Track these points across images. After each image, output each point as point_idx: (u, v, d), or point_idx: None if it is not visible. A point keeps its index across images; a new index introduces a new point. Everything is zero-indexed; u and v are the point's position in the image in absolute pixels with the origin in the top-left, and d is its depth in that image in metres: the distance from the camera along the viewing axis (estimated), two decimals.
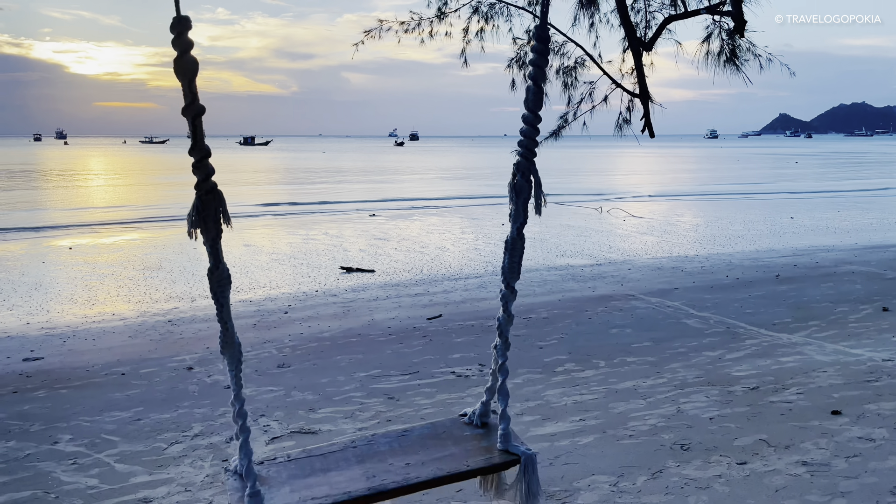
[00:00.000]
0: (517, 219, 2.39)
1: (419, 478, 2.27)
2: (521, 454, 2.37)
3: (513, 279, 2.47)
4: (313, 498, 2.16)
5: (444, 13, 8.76)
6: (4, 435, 4.99)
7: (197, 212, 2.05)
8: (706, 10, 7.56)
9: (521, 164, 2.34)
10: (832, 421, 4.68)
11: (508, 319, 2.51)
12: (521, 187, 2.34)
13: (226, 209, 2.08)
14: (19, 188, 35.71)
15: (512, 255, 2.45)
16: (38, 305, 9.96)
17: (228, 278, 2.16)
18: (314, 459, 2.43)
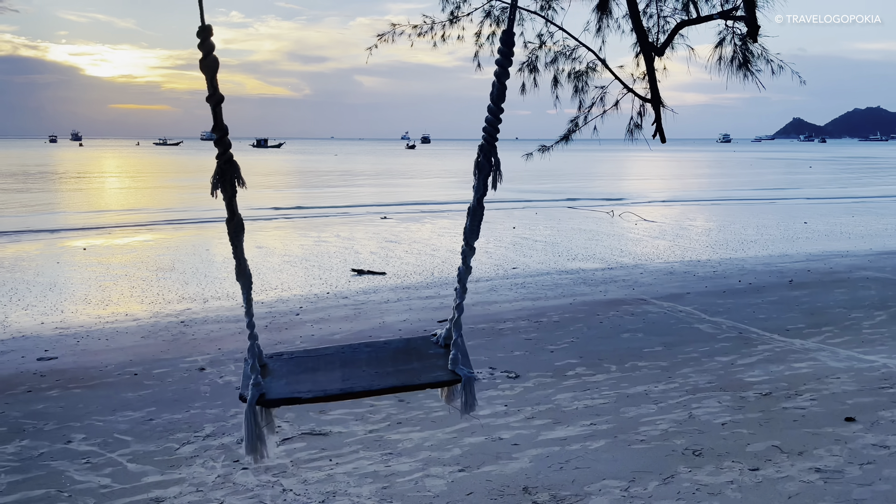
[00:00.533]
0: (478, 191, 2.87)
1: (380, 385, 2.76)
2: (463, 375, 2.85)
3: (472, 239, 2.95)
4: (298, 391, 2.72)
5: (457, 17, 8.78)
6: (19, 434, 5.04)
7: (218, 176, 2.61)
8: (719, 16, 7.54)
9: (483, 146, 2.82)
10: (846, 428, 4.64)
11: (466, 270, 3.02)
12: (483, 166, 2.82)
13: (240, 174, 2.65)
14: (35, 189, 36.06)
15: (473, 219, 2.91)
16: (52, 305, 10.05)
17: (241, 226, 2.72)
18: (308, 359, 2.98)
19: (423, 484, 4.04)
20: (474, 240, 2.96)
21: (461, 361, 2.90)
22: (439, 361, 2.97)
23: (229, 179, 2.64)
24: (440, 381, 2.86)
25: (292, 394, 2.73)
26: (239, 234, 2.72)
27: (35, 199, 29.65)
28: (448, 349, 3.02)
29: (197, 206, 25.43)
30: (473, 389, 2.90)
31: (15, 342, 8.05)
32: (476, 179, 2.86)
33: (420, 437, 4.75)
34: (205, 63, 2.49)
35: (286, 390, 2.75)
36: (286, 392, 2.74)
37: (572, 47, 8.76)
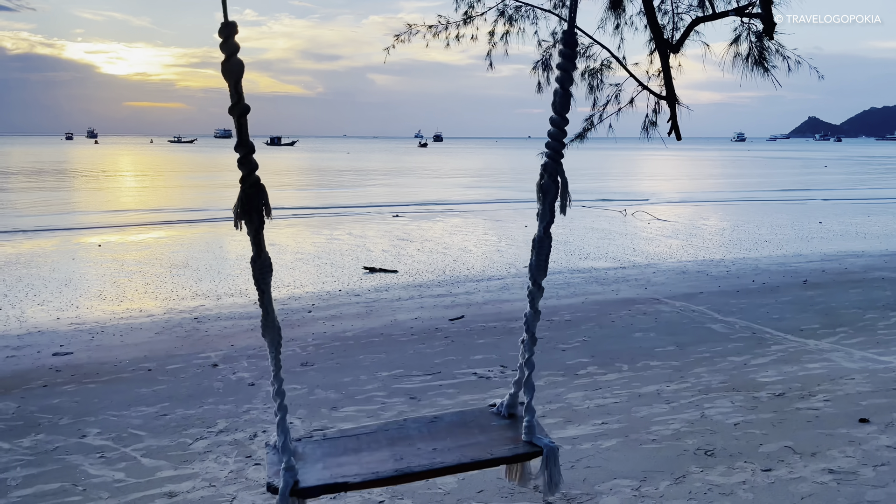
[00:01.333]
0: (544, 218, 2.48)
1: (444, 462, 2.36)
2: (544, 446, 2.45)
3: (540, 276, 2.55)
4: (343, 476, 2.28)
5: (471, 16, 8.77)
6: (34, 428, 5.10)
7: (242, 204, 2.20)
8: (734, 12, 7.48)
9: (548, 165, 2.43)
10: (860, 429, 4.61)
11: (535, 315, 2.61)
12: (549, 188, 2.43)
13: (268, 202, 2.24)
14: (52, 187, 36.40)
15: (539, 253, 2.53)
16: (67, 301, 10.14)
17: (270, 266, 2.31)
18: (347, 440, 2.56)
19: (434, 481, 4.05)
20: (542, 277, 2.55)
21: (538, 430, 2.51)
22: (508, 433, 2.58)
23: (256, 208, 2.21)
24: (516, 454, 2.46)
25: (335, 478, 2.28)
26: (266, 276, 2.30)
27: (51, 196, 29.94)
28: (513, 419, 2.66)
29: (211, 205, 25.60)
30: (558, 462, 2.48)
31: (31, 337, 8.14)
32: (541, 204, 2.46)
33: None
34: (227, 66, 2.13)
35: (326, 475, 2.30)
36: (327, 477, 2.29)
37: (587, 45, 8.72)
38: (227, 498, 3.92)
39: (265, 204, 2.22)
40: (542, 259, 2.53)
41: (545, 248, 2.52)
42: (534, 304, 2.59)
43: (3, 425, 5.16)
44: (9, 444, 4.77)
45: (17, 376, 6.51)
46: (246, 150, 2.17)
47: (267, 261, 2.29)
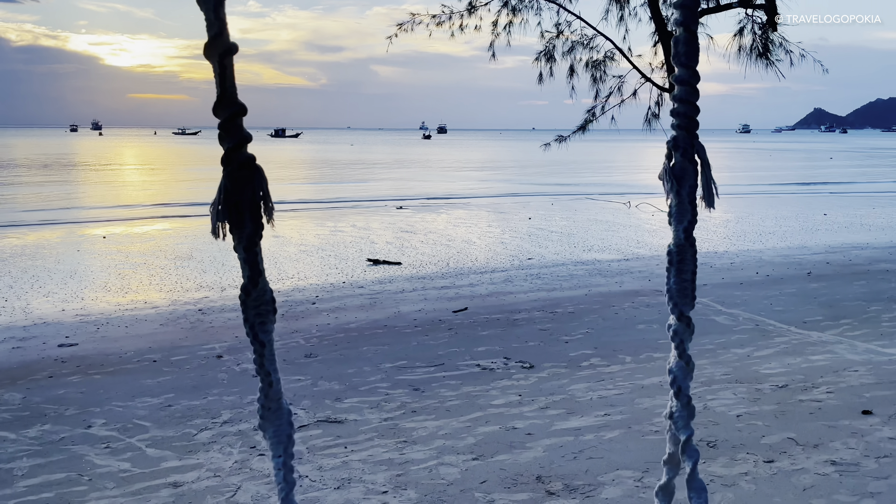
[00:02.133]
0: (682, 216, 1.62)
1: None
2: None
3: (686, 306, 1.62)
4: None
5: (475, 7, 8.75)
6: (40, 418, 5.13)
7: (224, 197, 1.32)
8: (739, 4, 7.45)
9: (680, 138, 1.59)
10: (862, 421, 4.61)
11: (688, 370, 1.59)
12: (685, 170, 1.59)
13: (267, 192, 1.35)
14: (57, 178, 36.47)
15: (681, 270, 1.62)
16: (72, 293, 10.19)
17: (272, 303, 1.41)
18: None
19: (437, 472, 4.07)
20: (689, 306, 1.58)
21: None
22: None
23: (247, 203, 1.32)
24: None
25: None
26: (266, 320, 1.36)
27: (56, 188, 30.00)
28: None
29: None
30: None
31: (37, 328, 8.18)
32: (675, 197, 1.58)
33: (434, 425, 4.78)
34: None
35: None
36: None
37: (590, 36, 8.70)
38: (232, 488, 3.94)
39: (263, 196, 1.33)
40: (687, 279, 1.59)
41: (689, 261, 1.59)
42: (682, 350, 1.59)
43: (9, 416, 5.20)
44: (15, 435, 4.81)
45: (23, 367, 6.55)
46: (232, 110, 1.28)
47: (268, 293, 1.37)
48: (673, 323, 1.62)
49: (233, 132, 1.31)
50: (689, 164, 1.60)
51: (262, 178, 1.34)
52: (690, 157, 1.60)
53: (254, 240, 1.33)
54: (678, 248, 1.62)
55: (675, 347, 1.62)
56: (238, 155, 1.32)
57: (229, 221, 1.33)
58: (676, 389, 1.60)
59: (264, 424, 1.42)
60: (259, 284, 1.36)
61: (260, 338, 1.38)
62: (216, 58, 1.27)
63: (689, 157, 1.60)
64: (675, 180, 1.60)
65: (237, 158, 1.32)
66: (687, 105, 1.57)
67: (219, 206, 1.31)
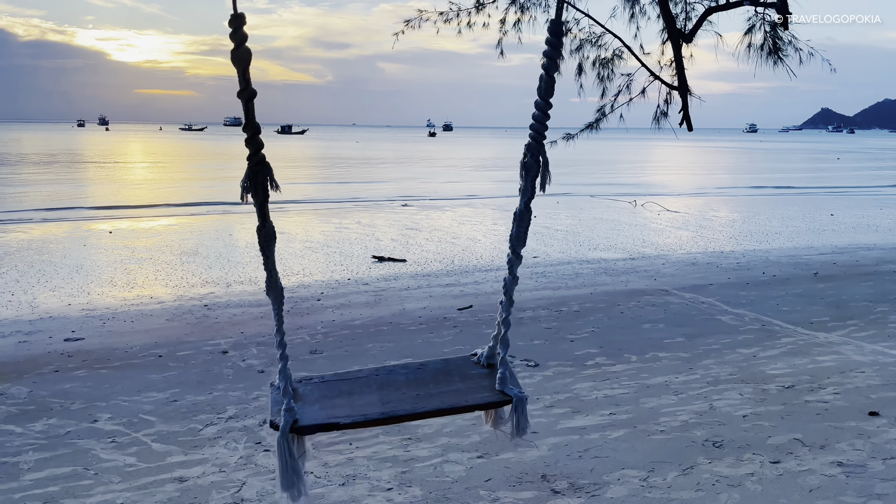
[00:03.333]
0: (525, 194, 2.68)
1: (425, 408, 2.63)
2: (514, 396, 2.70)
3: (518, 246, 2.81)
4: (336, 417, 2.56)
5: (483, 4, 8.72)
6: (46, 412, 5.15)
7: (248, 179, 2.42)
8: (749, 2, 7.41)
9: (531, 145, 2.63)
10: (869, 422, 4.59)
11: (513, 280, 2.85)
12: (531, 166, 2.63)
13: (273, 177, 2.44)
14: (63, 173, 36.59)
15: (519, 226, 2.77)
16: (79, 287, 10.22)
17: (273, 234, 2.53)
18: (342, 383, 2.81)
19: (441, 469, 4.07)
20: (521, 247, 2.81)
21: (509, 381, 2.74)
22: (484, 382, 2.80)
23: (261, 183, 2.44)
24: (489, 402, 2.70)
25: (329, 419, 2.55)
26: (270, 244, 2.53)
27: (63, 183, 30.10)
28: (492, 369, 2.86)
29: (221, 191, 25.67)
30: (526, 410, 2.73)
31: (43, 323, 8.21)
32: (523, 181, 2.67)
33: (439, 422, 4.77)
34: (236, 54, 2.29)
35: (321, 415, 2.57)
36: (322, 417, 2.56)
37: (598, 34, 8.66)
38: (237, 483, 3.95)
39: (271, 178, 2.43)
40: (522, 231, 2.77)
41: (525, 221, 2.75)
42: (512, 270, 2.84)
43: (15, 410, 5.22)
44: (21, 429, 4.82)
45: (29, 361, 6.57)
46: (253, 132, 2.37)
47: (271, 229, 2.52)
48: (510, 255, 2.85)
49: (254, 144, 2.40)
50: (534, 162, 2.63)
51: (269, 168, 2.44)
52: (536, 158, 2.64)
53: (264, 203, 2.47)
54: (520, 213, 2.75)
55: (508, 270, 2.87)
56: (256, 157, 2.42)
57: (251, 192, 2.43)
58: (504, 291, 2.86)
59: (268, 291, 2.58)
60: (266, 225, 2.49)
61: (266, 253, 2.52)
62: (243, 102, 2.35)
63: (535, 158, 2.64)
64: (525, 171, 2.67)
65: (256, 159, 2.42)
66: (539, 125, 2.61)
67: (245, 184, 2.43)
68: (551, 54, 2.54)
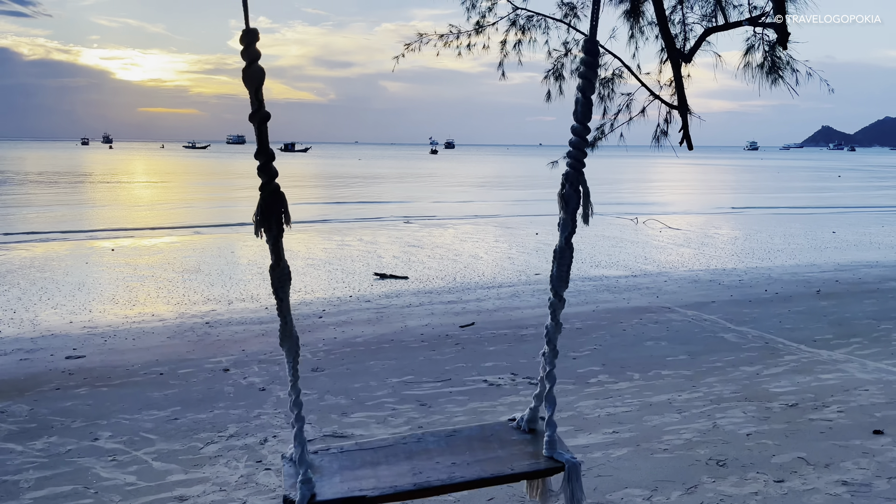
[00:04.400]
0: (565, 228, 2.47)
1: (463, 477, 2.33)
2: (566, 462, 2.40)
3: (561, 288, 2.54)
4: (361, 489, 2.26)
5: (483, 26, 8.81)
6: (47, 430, 5.13)
7: (261, 212, 2.19)
8: (748, 22, 7.47)
9: (570, 174, 2.39)
10: (874, 441, 4.56)
11: (556, 327, 2.57)
12: (570, 197, 2.41)
13: (287, 210, 2.22)
14: (67, 191, 36.73)
15: (560, 264, 2.52)
16: (80, 305, 10.22)
17: (289, 275, 2.31)
18: (365, 452, 2.56)
19: None
20: (563, 289, 2.53)
21: (559, 445, 2.48)
22: (528, 448, 2.54)
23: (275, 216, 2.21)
24: (537, 470, 2.41)
25: (352, 492, 2.26)
26: (285, 285, 2.29)
27: (66, 201, 30.20)
28: (534, 434, 2.62)
29: (225, 209, 25.74)
30: (580, 478, 2.43)
31: (44, 340, 8.20)
32: (563, 214, 2.43)
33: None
34: (248, 73, 2.07)
35: (343, 488, 2.29)
36: (344, 490, 2.27)
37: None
38: (238, 502, 3.93)
39: (285, 211, 2.21)
40: (564, 270, 2.52)
41: (566, 258, 2.51)
42: (555, 315, 2.55)
43: (16, 427, 5.20)
44: (21, 447, 4.81)
45: (30, 379, 6.56)
46: (266, 158, 2.17)
47: (286, 269, 2.30)
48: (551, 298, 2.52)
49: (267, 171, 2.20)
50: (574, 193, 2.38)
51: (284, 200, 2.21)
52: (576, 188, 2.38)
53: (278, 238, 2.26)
54: (560, 250, 2.50)
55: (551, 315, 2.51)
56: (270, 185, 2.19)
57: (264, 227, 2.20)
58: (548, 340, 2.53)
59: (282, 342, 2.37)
60: (280, 265, 2.28)
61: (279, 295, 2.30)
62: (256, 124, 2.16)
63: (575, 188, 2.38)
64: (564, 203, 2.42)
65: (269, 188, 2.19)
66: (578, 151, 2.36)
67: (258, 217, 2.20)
68: (587, 75, 2.36)
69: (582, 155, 2.37)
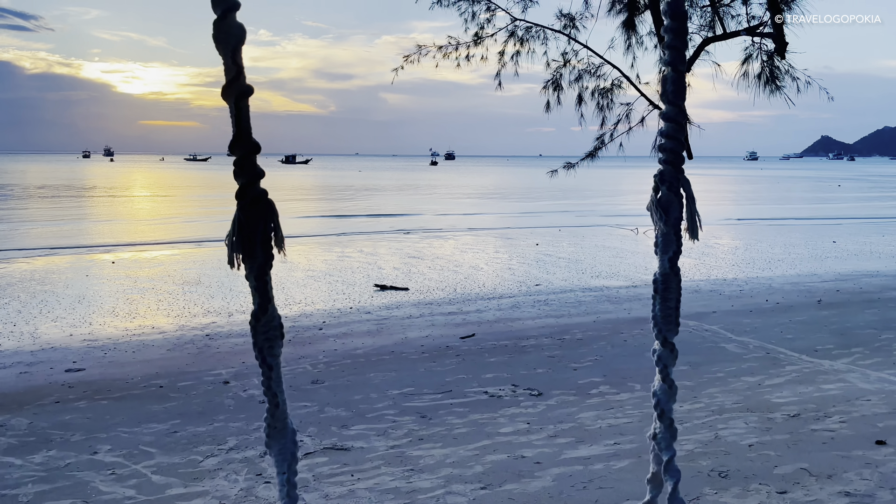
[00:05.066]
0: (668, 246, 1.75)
1: None
2: None
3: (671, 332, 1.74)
4: None
5: (481, 37, 8.85)
6: (46, 444, 5.11)
7: (238, 230, 1.43)
8: (746, 32, 7.50)
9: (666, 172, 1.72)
10: (876, 451, 4.54)
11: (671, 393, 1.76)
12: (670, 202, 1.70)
13: (278, 225, 1.47)
14: (67, 204, 36.79)
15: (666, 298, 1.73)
16: (81, 318, 10.21)
17: (280, 328, 1.53)
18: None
19: (444, 501, 4.02)
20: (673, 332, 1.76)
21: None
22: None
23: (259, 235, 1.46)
24: None
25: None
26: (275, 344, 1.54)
27: (66, 214, 30.24)
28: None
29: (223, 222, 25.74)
30: None
31: (44, 353, 8.19)
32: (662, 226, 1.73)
33: (442, 453, 4.73)
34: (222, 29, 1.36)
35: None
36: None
37: (597, 65, 8.77)
38: None
39: (274, 228, 1.45)
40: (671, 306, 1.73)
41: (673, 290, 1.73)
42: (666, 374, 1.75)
43: (15, 441, 5.18)
44: (21, 460, 4.79)
45: (30, 392, 6.54)
46: (246, 148, 1.40)
47: (276, 319, 1.52)
48: (658, 348, 1.76)
49: (247, 169, 1.44)
50: (674, 196, 1.71)
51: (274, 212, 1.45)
52: (676, 191, 1.71)
53: (264, 269, 1.49)
54: (664, 277, 1.77)
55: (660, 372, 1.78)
56: (251, 190, 1.44)
57: (242, 253, 1.46)
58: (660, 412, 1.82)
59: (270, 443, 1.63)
60: (268, 311, 1.52)
61: (268, 361, 1.56)
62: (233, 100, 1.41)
63: (674, 191, 1.71)
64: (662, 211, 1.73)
65: (250, 193, 1.44)
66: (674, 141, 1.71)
67: (233, 238, 1.44)
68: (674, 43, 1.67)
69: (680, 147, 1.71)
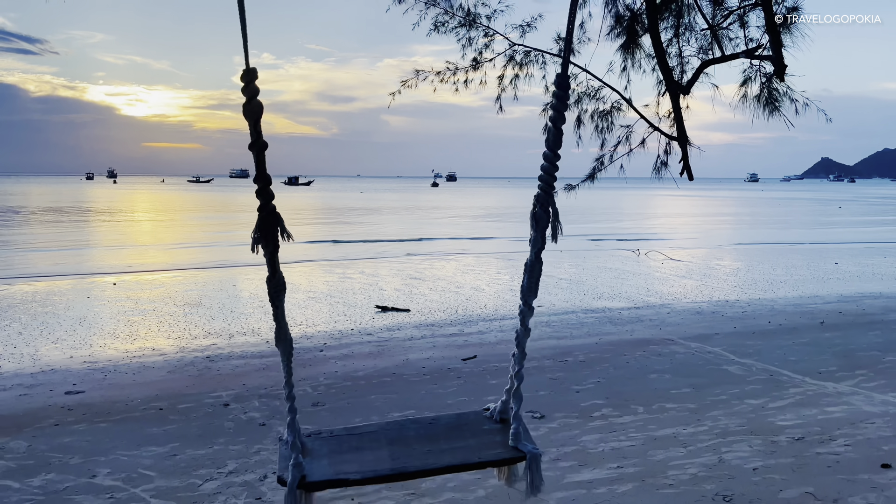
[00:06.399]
0: (536, 244, 2.69)
1: (436, 464, 2.60)
2: (528, 452, 2.66)
3: (530, 297, 2.79)
4: (345, 472, 2.54)
5: (479, 62, 8.91)
6: (44, 467, 5.07)
7: (259, 229, 2.48)
8: (744, 55, 7.56)
9: (540, 196, 2.66)
10: (882, 474, 4.49)
11: (525, 333, 2.84)
12: (540, 217, 2.66)
13: (283, 226, 2.51)
14: (70, 226, 36.89)
15: (531, 276, 2.75)
16: (81, 339, 10.18)
17: (284, 285, 2.59)
18: (352, 437, 2.83)
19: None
20: (532, 298, 2.80)
21: (523, 437, 2.72)
22: (497, 437, 2.79)
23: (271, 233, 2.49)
24: (501, 458, 2.66)
25: (338, 475, 2.53)
26: (280, 294, 2.57)
27: (68, 235, 30.31)
28: (505, 424, 2.86)
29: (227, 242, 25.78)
30: (540, 468, 2.68)
31: (44, 375, 8.15)
32: (533, 232, 2.69)
33: (443, 477, 4.69)
34: (248, 108, 2.38)
35: (330, 471, 2.56)
36: (330, 473, 2.54)
37: (596, 88, 8.82)
38: None
39: (281, 228, 2.50)
40: (534, 282, 2.75)
41: (536, 272, 2.73)
42: (524, 322, 2.82)
43: (13, 464, 5.14)
44: (19, 484, 4.75)
45: (29, 415, 6.51)
46: (264, 182, 2.44)
47: (281, 280, 2.57)
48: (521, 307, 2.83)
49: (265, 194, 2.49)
50: (544, 213, 2.65)
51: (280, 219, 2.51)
52: (546, 208, 2.65)
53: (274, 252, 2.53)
54: (531, 264, 2.73)
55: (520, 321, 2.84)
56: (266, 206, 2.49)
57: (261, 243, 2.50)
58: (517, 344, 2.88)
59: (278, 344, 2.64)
60: (276, 276, 2.56)
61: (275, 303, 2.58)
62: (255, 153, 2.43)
63: (545, 209, 2.65)
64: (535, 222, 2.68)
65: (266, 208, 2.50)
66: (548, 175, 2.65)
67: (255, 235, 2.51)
68: (557, 107, 2.63)
69: (551, 179, 2.64)
